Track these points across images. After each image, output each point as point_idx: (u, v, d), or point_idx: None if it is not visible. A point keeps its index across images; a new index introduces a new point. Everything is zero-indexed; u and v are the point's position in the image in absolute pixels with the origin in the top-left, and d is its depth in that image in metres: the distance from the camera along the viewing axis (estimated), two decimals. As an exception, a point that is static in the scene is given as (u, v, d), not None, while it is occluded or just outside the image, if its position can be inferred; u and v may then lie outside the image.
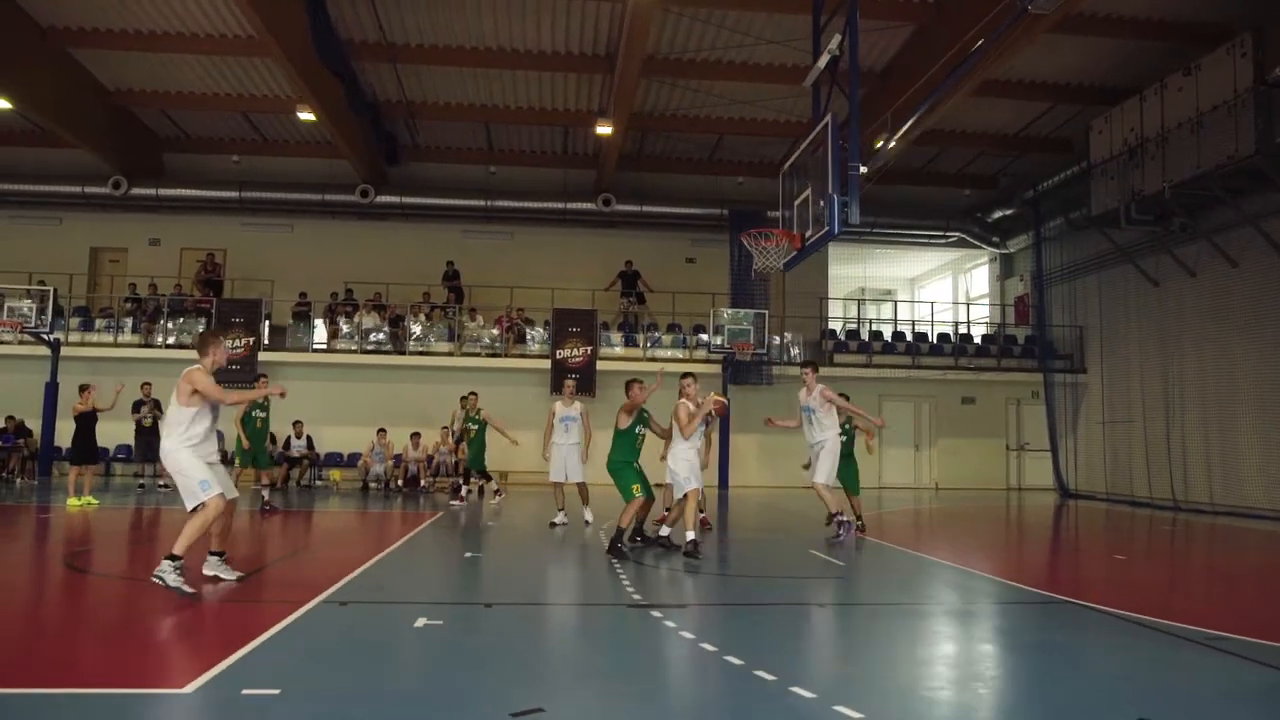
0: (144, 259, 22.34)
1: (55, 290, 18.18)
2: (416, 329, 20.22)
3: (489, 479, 15.78)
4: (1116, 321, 19.26)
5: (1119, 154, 17.46)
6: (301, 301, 21.04)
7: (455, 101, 20.29)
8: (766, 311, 19.76)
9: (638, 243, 22.69)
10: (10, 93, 17.20)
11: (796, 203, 9.67)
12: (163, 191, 21.48)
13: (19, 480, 17.30)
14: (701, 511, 10.32)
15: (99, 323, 20.34)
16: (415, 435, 17.48)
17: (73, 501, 12.72)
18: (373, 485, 17.49)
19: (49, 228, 22.04)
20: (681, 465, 9.08)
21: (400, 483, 17.16)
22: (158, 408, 15.97)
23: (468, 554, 8.91)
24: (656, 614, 5.99)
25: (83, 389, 14.14)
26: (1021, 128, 20.64)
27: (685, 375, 9.62)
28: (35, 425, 18.80)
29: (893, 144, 10.03)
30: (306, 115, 17.90)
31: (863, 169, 8.79)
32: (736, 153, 22.74)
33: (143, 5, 16.73)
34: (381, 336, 20.03)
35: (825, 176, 8.79)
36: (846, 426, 10.84)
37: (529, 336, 20.63)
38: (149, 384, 16.73)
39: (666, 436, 9.42)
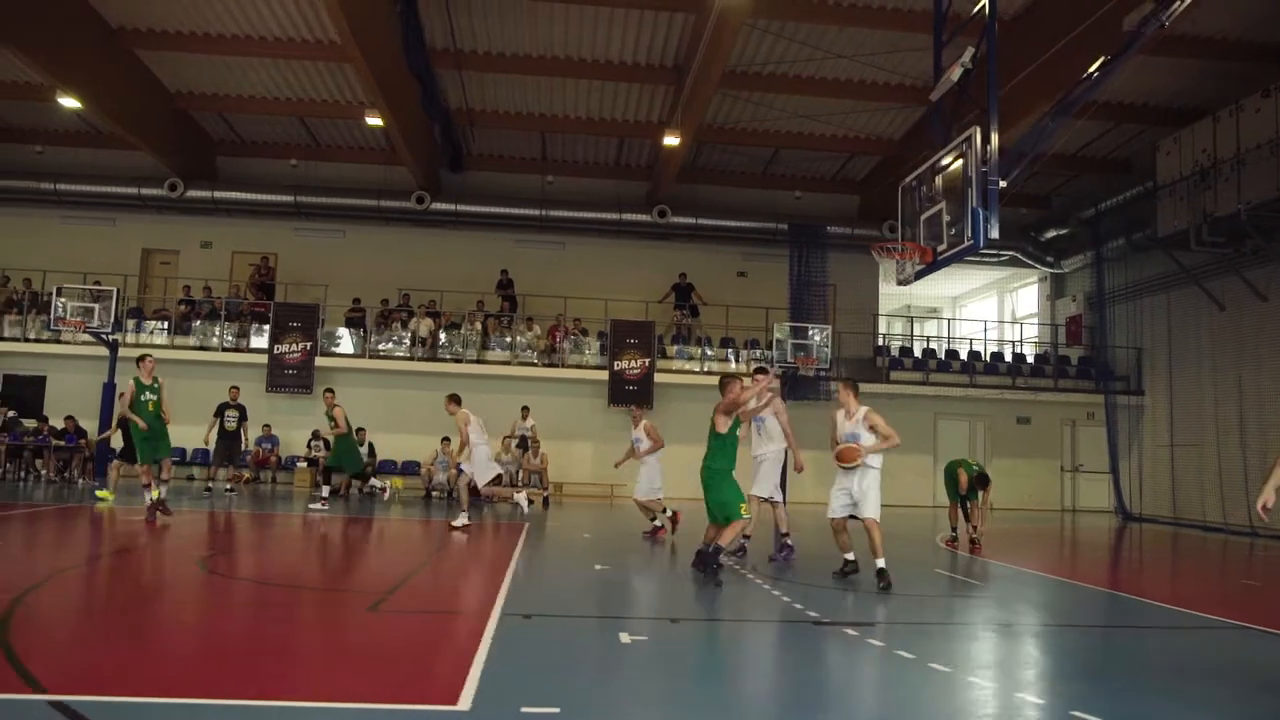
0: (195, 261, 22.25)
1: (117, 291, 18.04)
2: (474, 337, 20.08)
3: (366, 479, 15.16)
4: (1180, 344, 19.16)
5: (1189, 175, 17.39)
6: (355, 307, 20.93)
7: (514, 110, 20.26)
8: (830, 326, 19.64)
9: (688, 255, 22.62)
10: (81, 93, 17.14)
11: (924, 217, 9.57)
12: (219, 194, 21.41)
13: (81, 480, 17.14)
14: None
15: (153, 324, 20.21)
16: (508, 438, 17.32)
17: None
18: (435, 494, 17.32)
19: (102, 228, 21.96)
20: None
21: (464, 492, 16.95)
22: (243, 413, 15.80)
23: (598, 566, 8.76)
24: (851, 631, 5.87)
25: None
26: (1080, 147, 20.60)
27: (758, 370, 9.68)
28: (91, 425, 18.63)
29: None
30: (374, 121, 17.85)
31: (1002, 183, 8.69)
32: (791, 166, 22.71)
33: (215, 8, 16.73)
34: (440, 343, 19.90)
35: (962, 191, 8.69)
36: None
37: (584, 347, 20.50)
38: (236, 388, 16.57)
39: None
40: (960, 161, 8.93)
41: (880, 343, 22.53)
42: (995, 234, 8.60)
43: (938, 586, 8.50)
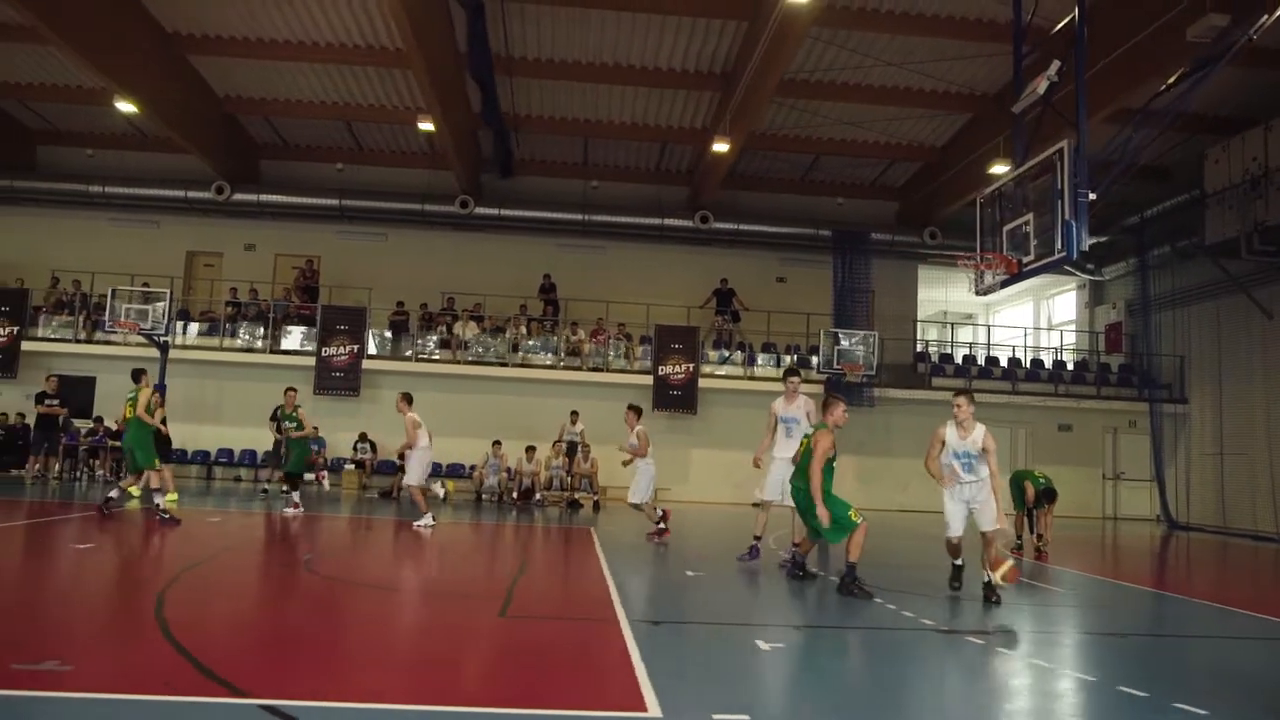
0: (238, 263, 22.41)
1: (171, 293, 18.21)
2: (518, 341, 20.20)
3: (296, 488, 13.75)
4: (1229, 352, 19.14)
5: (1238, 183, 17.39)
6: (398, 311, 21.06)
7: (559, 115, 20.38)
8: (876, 333, 19.67)
9: (727, 260, 22.67)
10: (137, 97, 17.32)
11: (1006, 228, 9.63)
12: (264, 197, 21.58)
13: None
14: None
15: (200, 325, 20.39)
16: (530, 448, 17.43)
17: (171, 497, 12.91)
18: (485, 497, 17.43)
19: (147, 231, 22.14)
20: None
21: (515, 495, 17.08)
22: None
23: (689, 572, 8.82)
24: (975, 639, 5.93)
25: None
26: (1112, 151, 20.54)
27: (790, 372, 9.39)
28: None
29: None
30: (426, 126, 17.98)
31: (1092, 195, 8.74)
32: (830, 172, 22.76)
33: (271, 15, 16.89)
34: (484, 348, 20.01)
35: (1050, 203, 8.75)
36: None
37: (629, 352, 20.60)
38: (293, 391, 16.68)
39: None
40: (1046, 174, 8.97)
41: (919, 349, 22.54)
42: (1085, 246, 8.65)
43: (1032, 595, 8.53)
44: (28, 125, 21.93)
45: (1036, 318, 26.02)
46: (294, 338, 20.23)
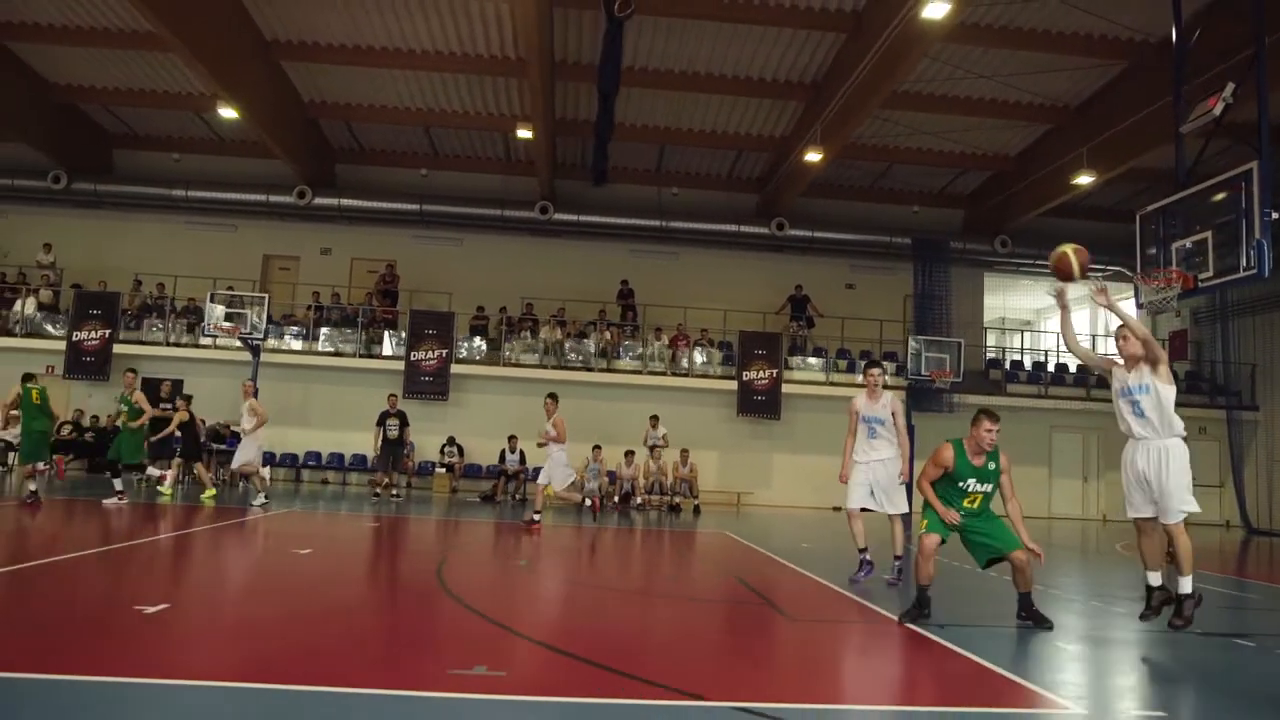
0: (314, 267, 22.57)
1: (269, 298, 18.38)
2: (602, 346, 20.43)
3: (142, 469, 13.59)
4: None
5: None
6: (479, 315, 21.25)
7: (640, 123, 20.60)
8: (962, 341, 19.96)
9: (797, 267, 22.93)
10: (238, 103, 17.49)
11: (1175, 245, 9.91)
12: (344, 202, 21.75)
13: (241, 483, 17.41)
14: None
15: (289, 329, 20.54)
16: (629, 453, 17.64)
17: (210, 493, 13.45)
18: (586, 500, 17.59)
19: (225, 234, 22.29)
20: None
21: (615, 499, 17.30)
22: (403, 419, 16.09)
23: (885, 576, 9.03)
24: (1246, 642, 6.19)
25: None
26: (1192, 164, 20.88)
27: (871, 364, 8.65)
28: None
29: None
30: (525, 133, 18.23)
31: (1274, 214, 9.03)
32: (901, 181, 23.05)
33: (373, 23, 17.05)
34: (575, 354, 20.27)
35: (1233, 222, 9.03)
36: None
37: (709, 358, 20.85)
38: (395, 395, 16.90)
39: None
40: (1224, 193, 9.26)
41: (989, 355, 22.85)
42: (1271, 264, 8.93)
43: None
44: (106, 129, 22.05)
45: (1093, 325, 26.34)
46: (381, 342, 20.41)
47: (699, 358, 20.77)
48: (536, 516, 12.06)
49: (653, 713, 3.95)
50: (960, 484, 6.22)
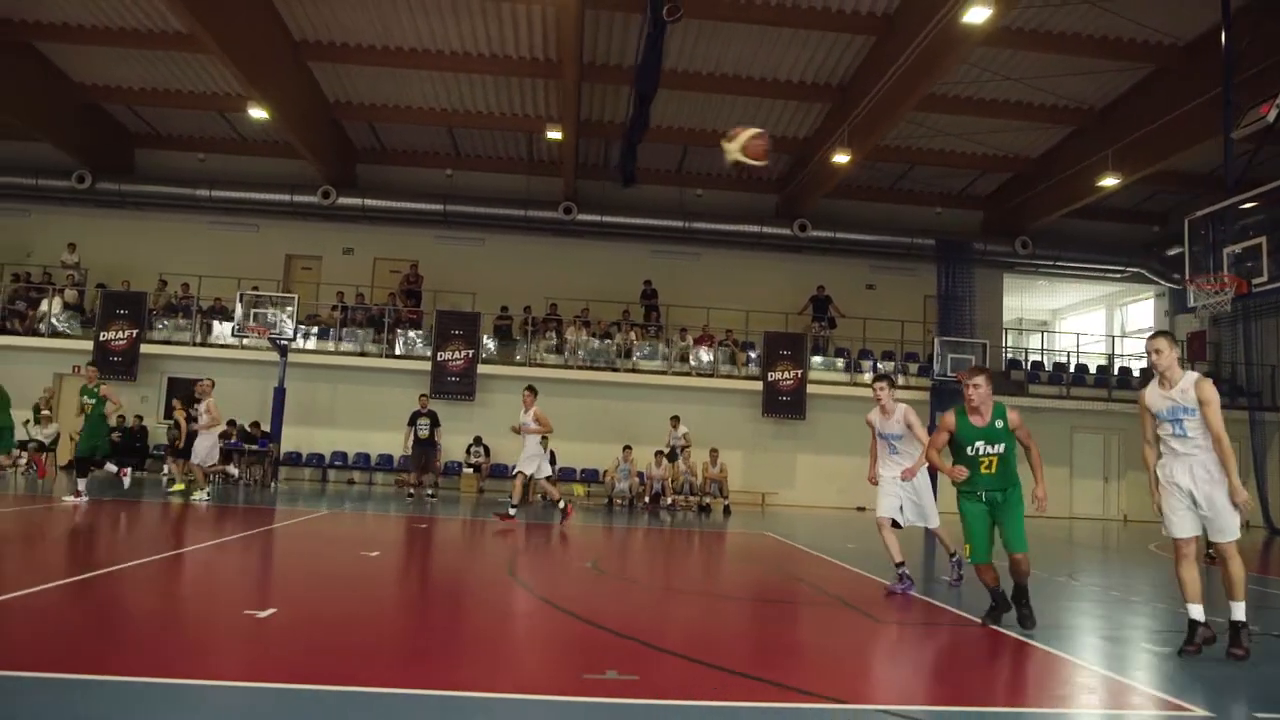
0: (336, 267, 22.59)
1: (297, 298, 18.40)
2: (627, 346, 20.49)
3: (102, 466, 13.10)
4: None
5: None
6: (502, 315, 21.29)
7: (668, 124, 20.62)
8: (987, 342, 20.07)
9: (817, 268, 23.00)
10: (269, 103, 17.50)
11: (1227, 250, 10.01)
12: (369, 202, 21.76)
13: (274, 483, 17.48)
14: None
15: (313, 329, 20.56)
16: (659, 453, 17.70)
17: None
18: (618, 501, 17.70)
19: (247, 234, 22.29)
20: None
21: (646, 500, 17.37)
22: (434, 419, 16.12)
23: (944, 577, 9.12)
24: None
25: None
26: (1216, 166, 20.98)
27: (880, 377, 8.22)
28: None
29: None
30: (554, 134, 18.27)
31: (1329, 220, 9.13)
32: (921, 182, 23.11)
33: (403, 24, 17.06)
34: (595, 354, 20.30)
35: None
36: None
37: (735, 358, 20.92)
38: (426, 395, 16.93)
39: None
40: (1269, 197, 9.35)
41: (1009, 356, 22.96)
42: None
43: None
44: (129, 129, 22.03)
45: (1109, 325, 26.49)
46: (408, 341, 20.45)
47: (724, 358, 20.81)
48: (513, 511, 12.30)
49: (804, 715, 4.01)
50: (968, 450, 6.07)
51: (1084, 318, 27.90)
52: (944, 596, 7.71)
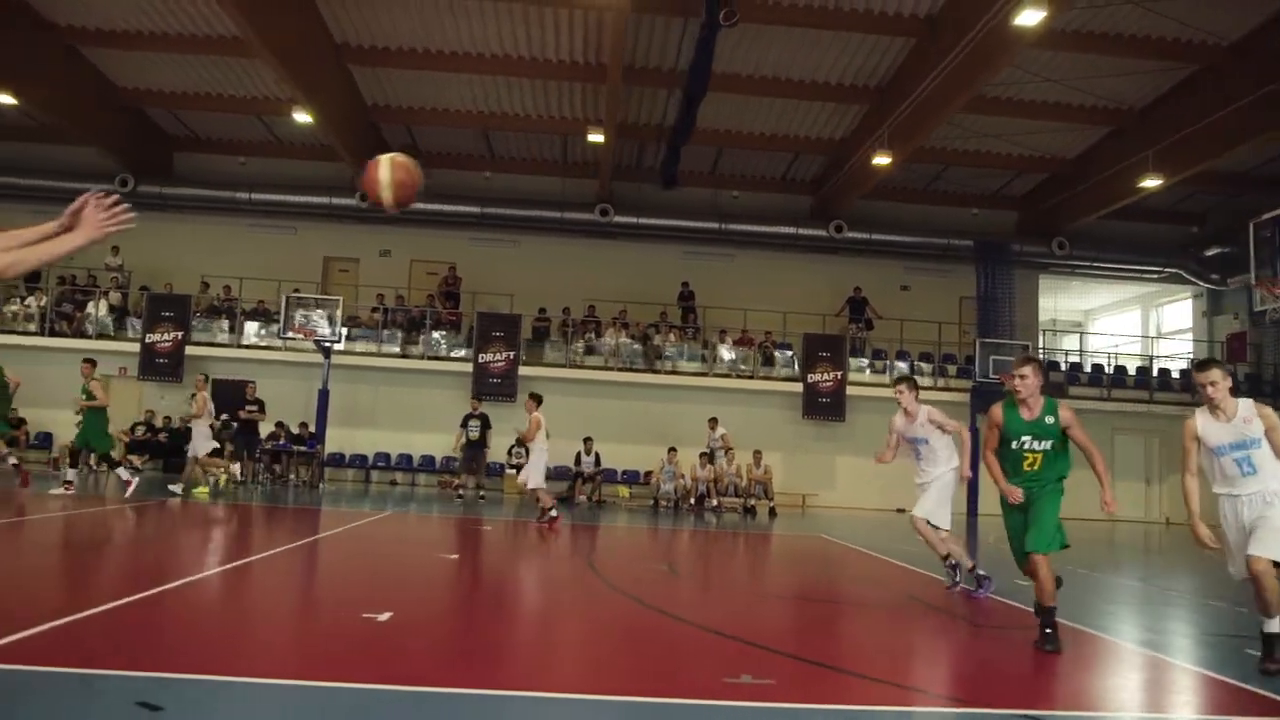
0: (373, 269, 22.72)
1: (341, 300, 18.53)
2: (668, 348, 20.54)
3: (115, 464, 13.03)
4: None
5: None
6: (540, 317, 21.38)
7: (705, 126, 20.57)
8: (1029, 344, 20.02)
9: (852, 269, 22.99)
10: (313, 106, 17.64)
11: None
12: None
13: (322, 484, 17.62)
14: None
15: (355, 331, 20.71)
16: (703, 455, 17.75)
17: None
18: (663, 503, 17.77)
19: (285, 236, 22.46)
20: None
21: (691, 501, 17.42)
22: (485, 421, 16.22)
23: (1019, 582, 9.13)
24: None
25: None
26: (1254, 165, 20.84)
27: (902, 379, 8.07)
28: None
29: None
30: (596, 137, 18.34)
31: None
32: (955, 183, 23.06)
33: (445, 28, 17.15)
34: (632, 356, 20.38)
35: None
36: None
37: (774, 360, 20.95)
38: (477, 399, 17.03)
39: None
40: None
41: (1046, 358, 22.88)
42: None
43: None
44: (168, 132, 22.23)
45: (1144, 326, 26.36)
46: (446, 343, 20.57)
47: (762, 359, 20.84)
48: (554, 513, 12.00)
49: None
50: (1014, 444, 5.74)
51: (1117, 318, 27.76)
52: (1027, 598, 7.69)
